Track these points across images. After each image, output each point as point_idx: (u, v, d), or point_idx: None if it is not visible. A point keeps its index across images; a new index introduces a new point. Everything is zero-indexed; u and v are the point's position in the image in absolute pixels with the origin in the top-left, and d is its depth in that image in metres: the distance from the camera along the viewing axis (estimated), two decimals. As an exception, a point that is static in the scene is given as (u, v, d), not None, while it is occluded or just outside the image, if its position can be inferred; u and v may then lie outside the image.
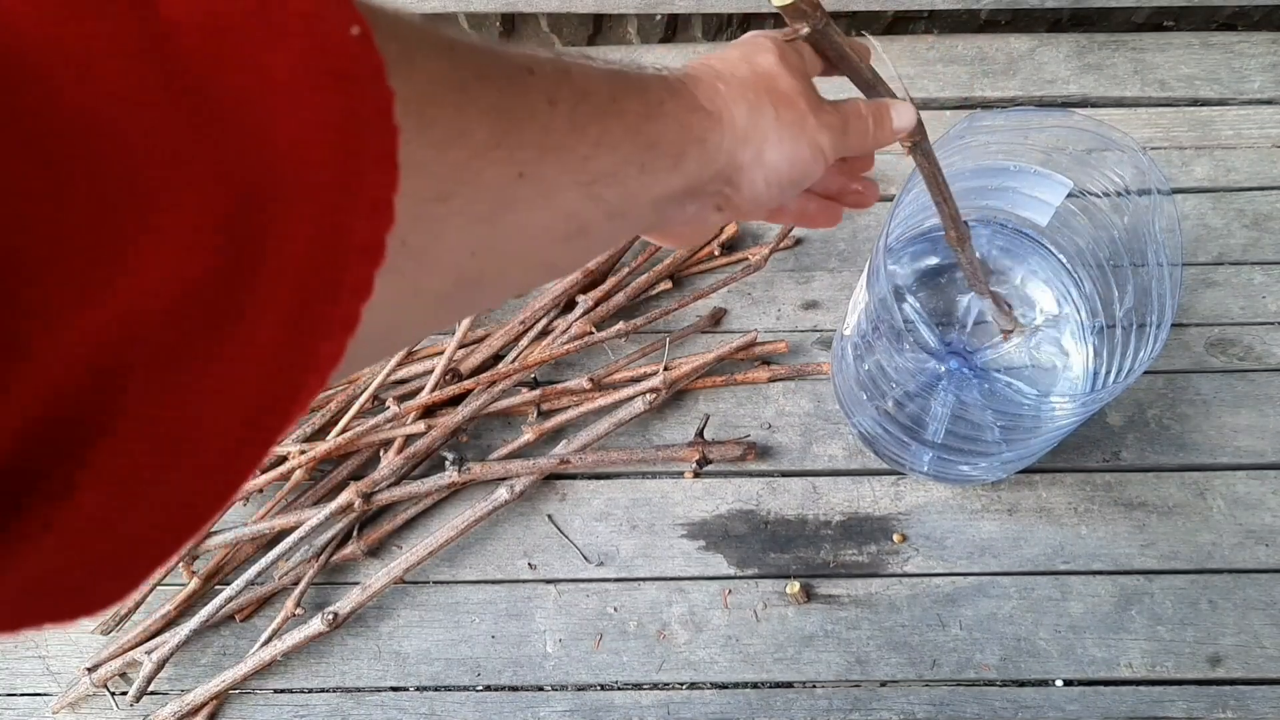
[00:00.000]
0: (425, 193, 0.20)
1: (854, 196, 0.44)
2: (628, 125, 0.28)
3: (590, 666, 0.71)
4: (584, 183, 0.26)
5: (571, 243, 0.27)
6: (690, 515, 0.75)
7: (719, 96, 0.33)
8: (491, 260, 0.24)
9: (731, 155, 0.33)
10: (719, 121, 0.32)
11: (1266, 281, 0.82)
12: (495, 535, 0.75)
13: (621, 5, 0.91)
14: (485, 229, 0.23)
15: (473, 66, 0.22)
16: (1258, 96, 0.90)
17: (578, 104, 0.26)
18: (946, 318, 0.75)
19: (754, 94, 0.34)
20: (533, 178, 0.24)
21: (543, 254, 0.27)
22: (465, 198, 0.22)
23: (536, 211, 0.25)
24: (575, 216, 0.27)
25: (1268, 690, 0.69)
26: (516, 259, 0.26)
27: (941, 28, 0.98)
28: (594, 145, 0.26)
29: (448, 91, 0.21)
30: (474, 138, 0.22)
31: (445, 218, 0.21)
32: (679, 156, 0.30)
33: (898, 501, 0.75)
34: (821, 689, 0.70)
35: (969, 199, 0.72)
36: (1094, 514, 0.74)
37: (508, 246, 0.25)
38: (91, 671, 0.70)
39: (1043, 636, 0.71)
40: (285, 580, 0.73)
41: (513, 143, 0.23)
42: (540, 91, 0.24)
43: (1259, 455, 0.76)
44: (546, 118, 0.24)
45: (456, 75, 0.21)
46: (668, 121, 0.30)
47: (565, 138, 0.25)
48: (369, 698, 0.71)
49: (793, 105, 0.34)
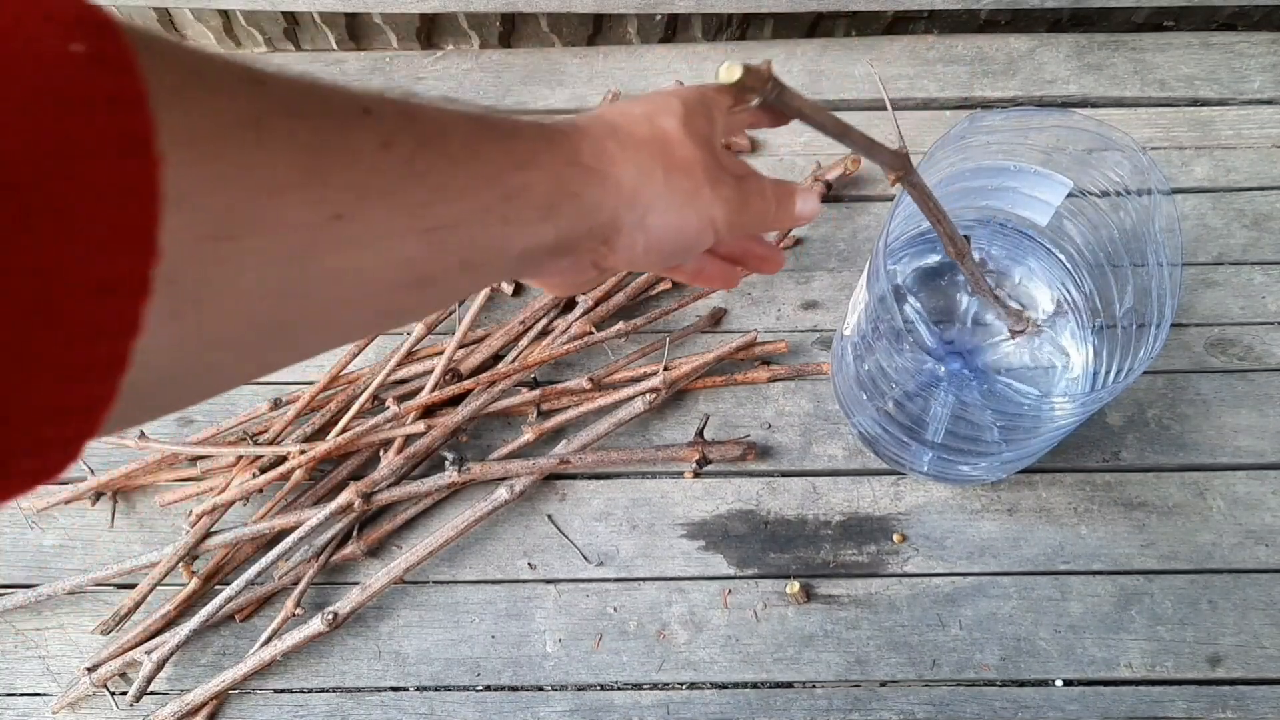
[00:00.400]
0: (205, 229, 0.19)
1: (756, 261, 0.43)
2: (485, 174, 0.27)
3: (590, 666, 0.71)
4: (424, 229, 0.25)
5: (417, 290, 0.26)
6: (690, 515, 0.75)
7: (606, 154, 0.31)
8: (307, 306, 0.23)
9: (614, 215, 0.31)
10: (602, 179, 0.31)
11: (1266, 281, 0.82)
12: (495, 535, 0.75)
13: (621, 5, 0.91)
14: (293, 272, 0.21)
15: (284, 103, 0.21)
16: (1258, 96, 0.90)
17: (419, 148, 0.24)
18: (946, 318, 0.75)
19: (647, 156, 0.32)
20: (355, 220, 0.22)
21: (379, 301, 0.25)
22: (261, 237, 0.20)
23: (364, 256, 0.23)
24: (415, 264, 0.25)
25: (1268, 690, 0.69)
26: (343, 305, 0.24)
27: (941, 28, 0.98)
28: (435, 191, 0.25)
29: (240, 126, 0.20)
30: (272, 175, 0.20)
31: (234, 257, 0.20)
32: (549, 209, 0.29)
33: (898, 501, 0.75)
34: (821, 689, 0.70)
35: (969, 199, 0.72)
36: (1094, 514, 0.74)
37: (328, 292, 0.23)
38: (91, 671, 0.70)
39: (1043, 636, 0.71)
40: (285, 580, 0.74)
41: (326, 183, 0.22)
42: (372, 132, 0.23)
43: (1259, 455, 0.76)
44: (375, 160, 0.23)
45: (255, 109, 0.20)
46: (539, 173, 0.29)
47: (399, 182, 0.24)
48: (369, 698, 0.71)
49: (688, 174, 0.33)
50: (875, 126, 0.89)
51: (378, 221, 0.23)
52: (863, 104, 0.91)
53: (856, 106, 0.91)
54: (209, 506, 0.73)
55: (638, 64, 0.93)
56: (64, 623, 0.74)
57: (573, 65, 0.93)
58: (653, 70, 0.93)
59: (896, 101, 0.90)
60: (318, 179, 0.21)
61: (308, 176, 0.21)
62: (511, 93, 0.92)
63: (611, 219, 0.31)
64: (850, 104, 0.91)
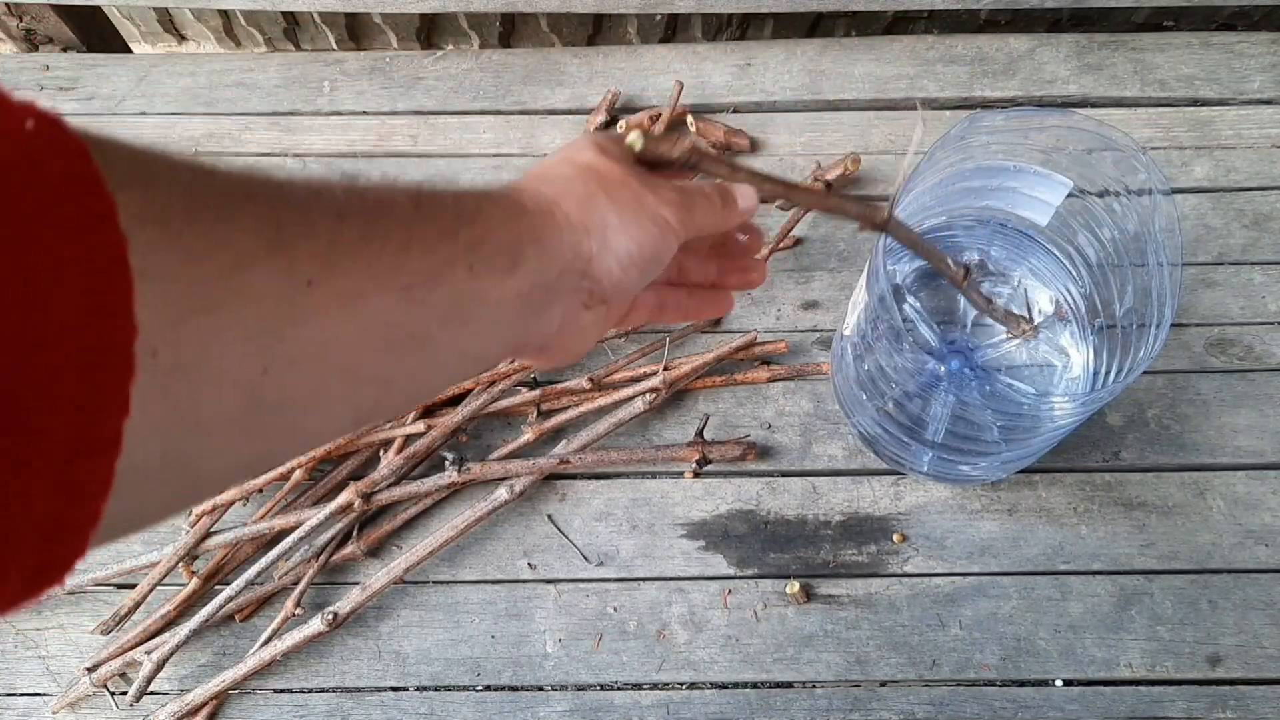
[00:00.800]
0: (180, 303, 0.19)
1: (737, 276, 0.44)
2: (441, 229, 0.28)
3: (590, 666, 0.71)
4: (399, 288, 0.25)
5: (405, 353, 0.26)
6: (690, 515, 0.75)
7: (543, 197, 0.33)
8: (295, 378, 0.23)
9: (576, 248, 0.32)
10: (551, 218, 0.32)
11: (1266, 281, 0.82)
12: (495, 535, 0.75)
13: (621, 5, 0.91)
14: (273, 341, 0.22)
15: (237, 186, 0.22)
16: (1258, 96, 0.90)
17: (374, 217, 0.25)
18: (946, 317, 0.75)
19: (582, 185, 0.34)
20: (327, 285, 0.23)
21: (369, 368, 0.25)
22: (236, 309, 0.20)
23: (344, 319, 0.24)
24: (398, 324, 0.26)
25: (1268, 690, 0.69)
26: (331, 375, 0.24)
27: (941, 28, 0.98)
28: (399, 252, 0.25)
29: (200, 206, 0.20)
30: (237, 249, 0.21)
31: (213, 329, 0.20)
32: (515, 257, 0.30)
33: (897, 501, 0.75)
34: (821, 689, 0.70)
35: (969, 199, 0.72)
36: (1094, 514, 0.74)
37: (313, 362, 0.23)
38: (91, 671, 0.70)
39: (1042, 636, 0.71)
40: (285, 580, 0.73)
41: (291, 254, 0.22)
42: (325, 207, 0.24)
43: (1259, 455, 0.76)
44: (332, 231, 0.24)
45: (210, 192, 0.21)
46: (489, 224, 0.30)
47: (362, 247, 0.24)
48: (369, 698, 0.71)
49: (624, 185, 0.34)
50: (875, 127, 0.89)
51: (350, 285, 0.24)
52: (862, 104, 0.91)
53: (856, 106, 0.91)
54: (209, 506, 0.73)
55: (638, 64, 0.93)
56: (64, 623, 0.74)
57: (572, 65, 0.93)
58: (652, 70, 0.93)
59: (896, 102, 0.90)
60: (283, 251, 0.22)
61: (273, 249, 0.22)
62: (511, 93, 0.92)
63: (576, 251, 0.33)
64: (850, 104, 0.91)
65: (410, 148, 0.90)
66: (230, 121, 0.92)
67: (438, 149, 0.90)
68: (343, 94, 0.93)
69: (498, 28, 1.04)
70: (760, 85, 0.92)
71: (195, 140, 0.91)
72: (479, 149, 0.90)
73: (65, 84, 0.94)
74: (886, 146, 0.88)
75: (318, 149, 0.90)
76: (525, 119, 0.91)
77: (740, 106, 0.91)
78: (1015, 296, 0.74)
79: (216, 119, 0.92)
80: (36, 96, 0.92)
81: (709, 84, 0.92)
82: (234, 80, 0.94)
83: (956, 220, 0.74)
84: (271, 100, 0.93)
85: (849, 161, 0.83)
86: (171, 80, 0.94)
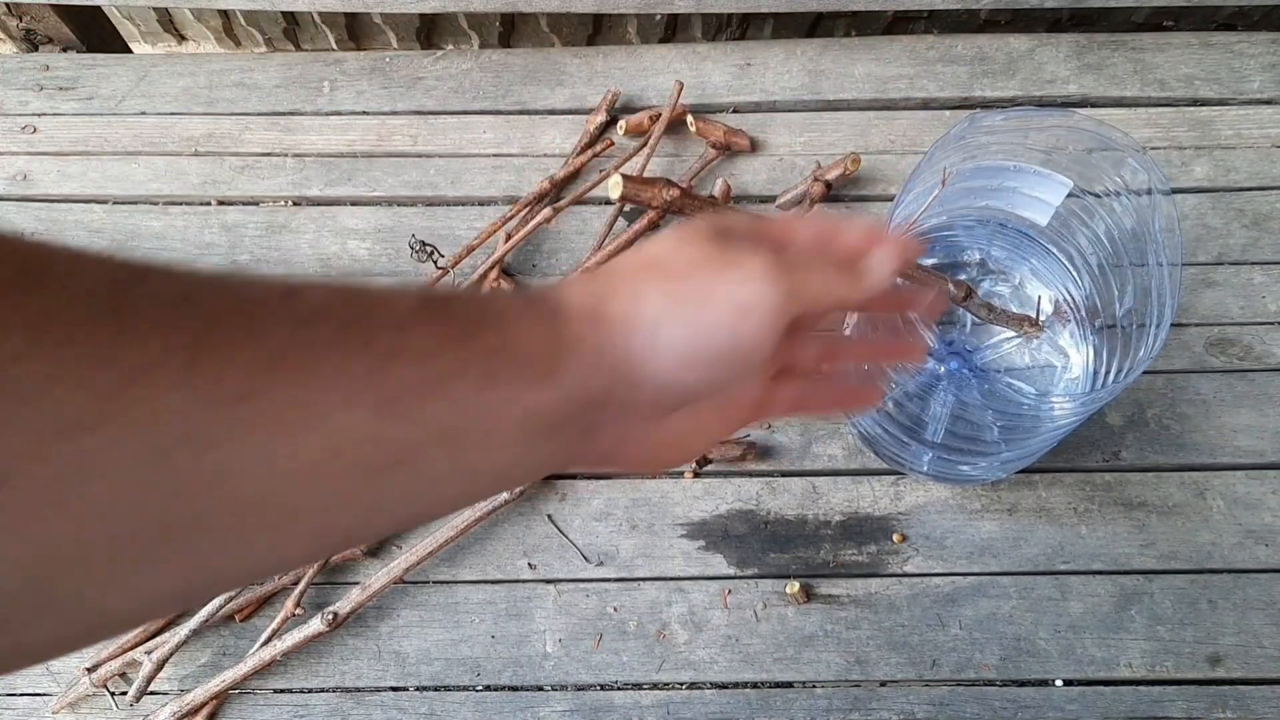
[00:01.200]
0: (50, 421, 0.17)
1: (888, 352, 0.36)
2: (445, 335, 0.24)
3: (590, 666, 0.71)
4: (376, 401, 0.22)
5: (389, 475, 0.23)
6: (690, 515, 0.75)
7: (590, 296, 0.28)
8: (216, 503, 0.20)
9: (624, 352, 0.27)
10: (599, 321, 0.27)
11: (1266, 281, 0.82)
12: (495, 535, 0.75)
13: (621, 5, 0.91)
14: (185, 462, 0.19)
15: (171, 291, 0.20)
16: (1258, 96, 0.90)
17: (352, 321, 0.22)
18: (946, 317, 0.75)
19: (637, 279, 0.29)
20: (266, 399, 0.20)
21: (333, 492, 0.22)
22: (127, 426, 0.18)
23: (292, 439, 0.21)
24: (376, 443, 0.22)
25: (1268, 690, 0.69)
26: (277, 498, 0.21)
27: (941, 28, 0.98)
28: (383, 359, 0.22)
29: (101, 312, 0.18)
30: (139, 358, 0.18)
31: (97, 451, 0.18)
32: (551, 362, 0.26)
33: (897, 501, 0.75)
34: (821, 689, 0.70)
35: (969, 199, 0.72)
36: (1094, 514, 0.74)
37: (245, 485, 0.20)
38: (91, 671, 0.70)
39: (1042, 636, 0.71)
40: (285, 580, 0.74)
41: (221, 363, 0.19)
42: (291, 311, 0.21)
43: (1259, 455, 0.76)
44: (289, 338, 0.21)
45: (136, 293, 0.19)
46: (514, 329, 0.25)
47: (329, 353, 0.21)
48: (369, 698, 0.71)
49: (694, 269, 0.29)
50: (875, 127, 0.89)
51: (304, 398, 0.21)
52: (862, 104, 0.91)
53: (856, 106, 0.91)
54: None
55: (638, 64, 0.93)
56: (64, 623, 0.74)
57: (573, 65, 0.93)
58: (652, 70, 0.93)
59: (896, 101, 0.90)
60: (208, 359, 0.19)
61: (193, 358, 0.19)
62: (511, 93, 0.92)
63: (624, 356, 0.27)
64: (850, 104, 0.91)
65: (410, 148, 0.90)
66: (230, 121, 0.92)
67: (438, 149, 0.90)
68: (343, 94, 0.93)
69: (498, 28, 1.04)
70: (760, 85, 0.92)
71: (195, 140, 0.91)
72: (479, 149, 0.90)
73: (65, 84, 0.94)
74: (886, 146, 0.88)
75: (318, 149, 0.90)
76: (525, 119, 0.91)
77: (740, 106, 0.91)
78: (1015, 296, 0.74)
79: (216, 119, 0.92)
80: (36, 96, 0.93)
81: (709, 84, 0.92)
82: (234, 80, 0.94)
83: (956, 220, 0.74)
84: (271, 100, 0.93)
85: (849, 161, 0.83)
86: (171, 80, 0.94)
